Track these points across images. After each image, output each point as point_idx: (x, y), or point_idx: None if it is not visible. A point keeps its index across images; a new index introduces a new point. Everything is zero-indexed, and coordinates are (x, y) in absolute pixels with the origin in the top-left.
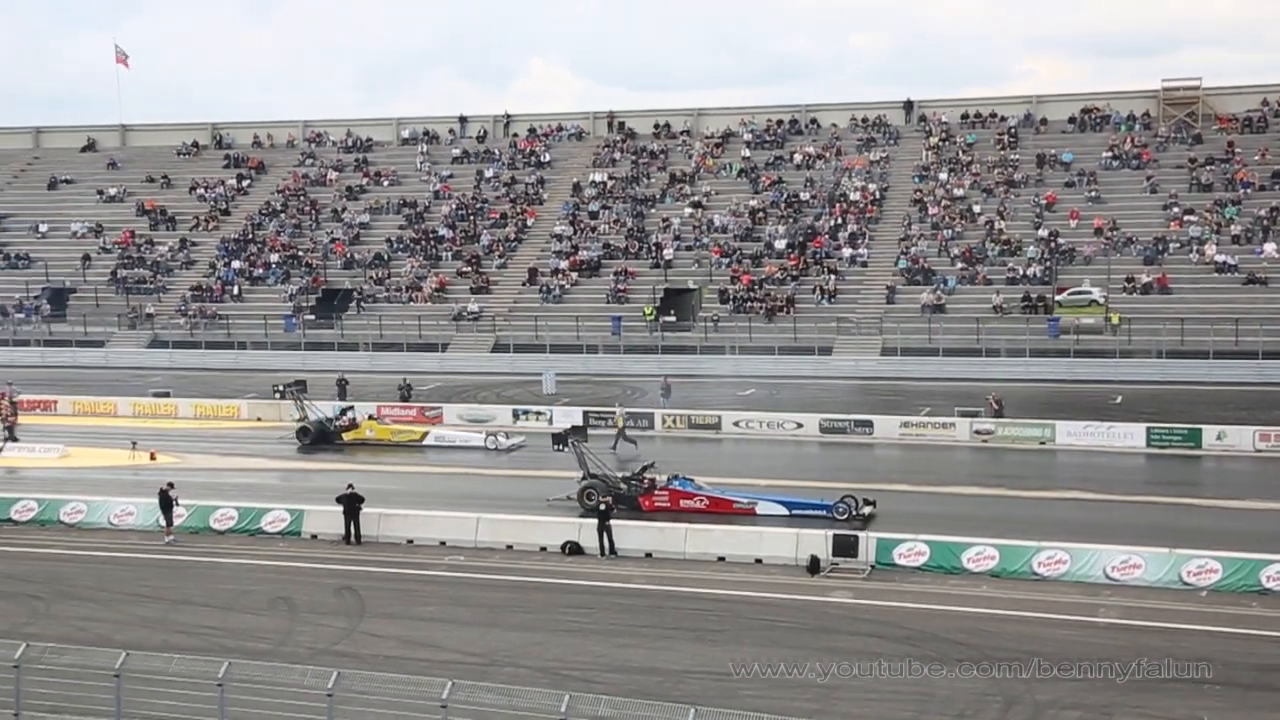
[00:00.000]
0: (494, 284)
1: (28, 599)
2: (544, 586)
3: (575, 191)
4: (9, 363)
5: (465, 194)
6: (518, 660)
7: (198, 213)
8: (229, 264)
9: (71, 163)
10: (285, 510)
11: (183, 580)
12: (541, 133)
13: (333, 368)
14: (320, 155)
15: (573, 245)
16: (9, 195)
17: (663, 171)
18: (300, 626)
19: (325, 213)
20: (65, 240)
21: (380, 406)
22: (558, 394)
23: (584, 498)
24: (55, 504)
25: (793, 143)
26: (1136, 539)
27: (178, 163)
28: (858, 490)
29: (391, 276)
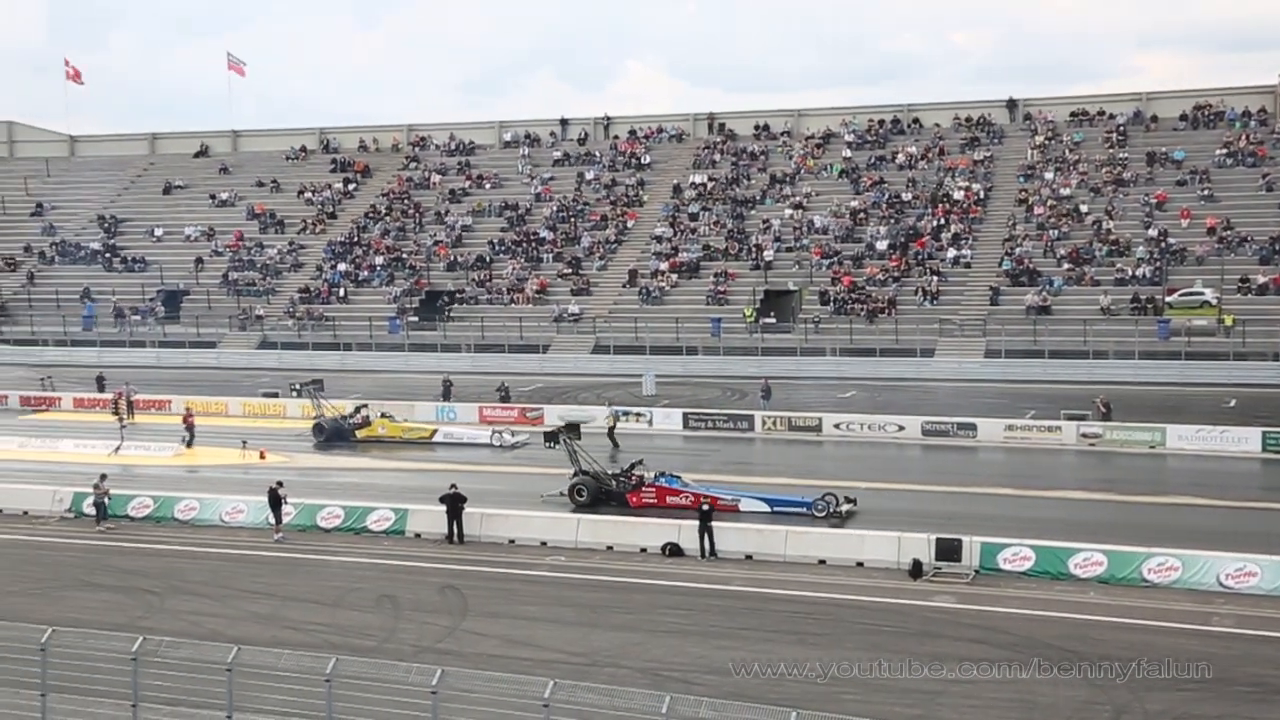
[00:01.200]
0: (594, 286)
1: (144, 593)
2: (644, 587)
3: (675, 193)
4: (126, 363)
5: (566, 196)
6: (618, 660)
7: (305, 216)
8: (335, 266)
9: (185, 168)
10: (390, 509)
11: (291, 577)
12: (641, 135)
13: (435, 369)
14: (424, 159)
15: (673, 247)
16: (126, 200)
17: (763, 173)
18: (405, 624)
19: (428, 215)
20: (179, 244)
21: (482, 407)
22: (657, 395)
23: (574, 494)
24: (170, 501)
25: (894, 143)
26: (1252, 546)
27: (286, 167)
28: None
29: (493, 278)
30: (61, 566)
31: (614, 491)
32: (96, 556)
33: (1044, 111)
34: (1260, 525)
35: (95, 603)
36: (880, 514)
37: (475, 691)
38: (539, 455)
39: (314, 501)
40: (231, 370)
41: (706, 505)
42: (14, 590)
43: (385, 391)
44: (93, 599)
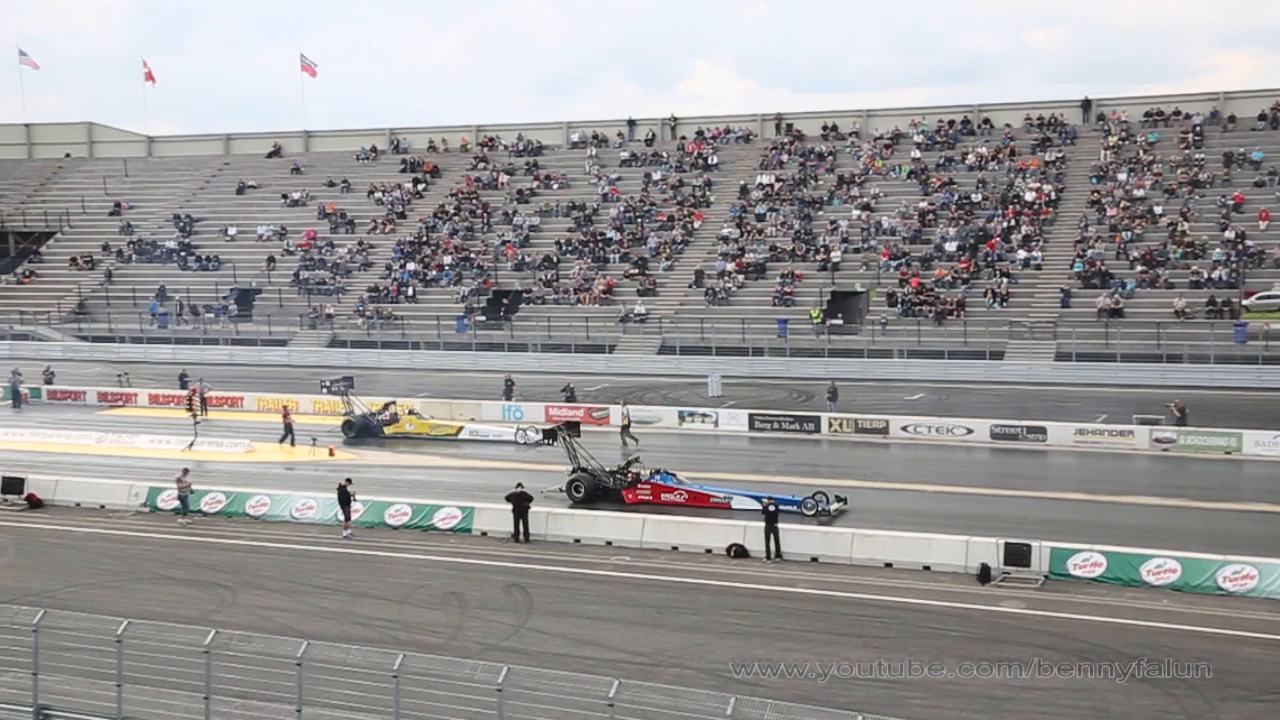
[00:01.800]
0: (660, 286)
1: (216, 587)
2: (709, 588)
3: (742, 194)
4: (199, 360)
5: (633, 197)
6: (683, 661)
7: (375, 216)
8: (404, 266)
9: (258, 168)
10: (456, 507)
11: (360, 573)
12: (709, 135)
13: (502, 368)
14: (492, 159)
15: (739, 247)
16: (200, 200)
17: (830, 173)
18: (471, 622)
19: (496, 215)
20: (252, 243)
21: (547, 407)
22: (723, 396)
23: (571, 489)
24: (241, 497)
25: (964, 143)
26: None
27: (357, 167)
28: (1041, 497)
29: (560, 278)
30: (137, 560)
31: (610, 488)
32: (171, 550)
33: (1118, 112)
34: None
35: (169, 596)
36: (947, 517)
37: (540, 690)
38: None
39: (382, 499)
40: (302, 368)
41: (773, 507)
42: (91, 583)
43: (452, 390)
44: (167, 592)
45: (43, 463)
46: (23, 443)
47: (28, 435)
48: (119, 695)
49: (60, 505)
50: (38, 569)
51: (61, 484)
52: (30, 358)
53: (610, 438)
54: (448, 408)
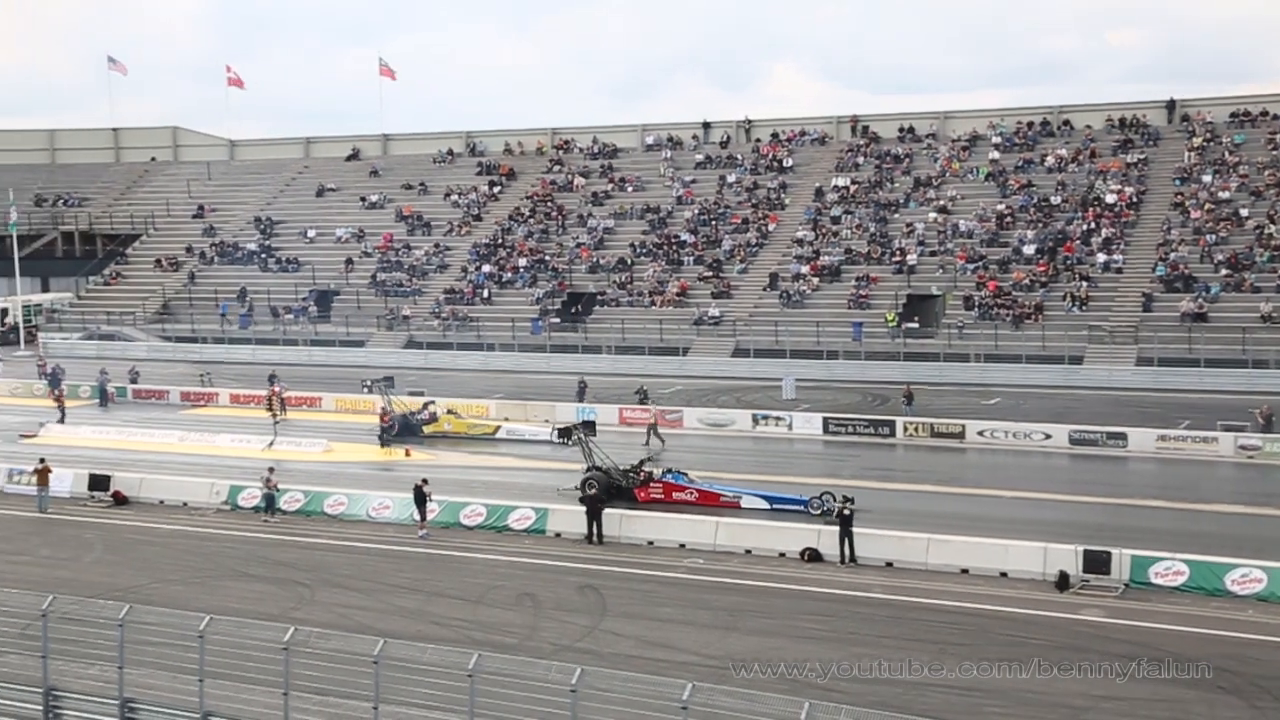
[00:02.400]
0: (735, 289)
1: (295, 585)
2: (783, 592)
3: (817, 196)
4: (278, 360)
5: (707, 199)
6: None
7: (451, 218)
8: (479, 268)
9: (337, 171)
10: (531, 508)
11: (435, 573)
12: (784, 138)
13: (575, 370)
14: (567, 162)
15: (814, 250)
16: (281, 203)
17: (907, 176)
18: (545, 622)
19: (571, 218)
20: (330, 245)
21: (621, 409)
22: (797, 399)
23: (584, 487)
24: (319, 496)
25: (1044, 145)
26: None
27: (433, 170)
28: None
29: (634, 281)
30: (218, 557)
31: (623, 487)
32: (251, 548)
33: (1202, 112)
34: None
35: (250, 593)
36: (1025, 524)
37: (613, 691)
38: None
39: (457, 499)
40: (379, 369)
41: (848, 511)
42: (174, 579)
43: (526, 392)
44: (247, 589)
45: (128, 461)
46: (109, 441)
47: (114, 434)
48: (200, 690)
49: (145, 502)
50: (123, 565)
51: (146, 482)
52: (116, 357)
53: (686, 440)
54: (522, 409)
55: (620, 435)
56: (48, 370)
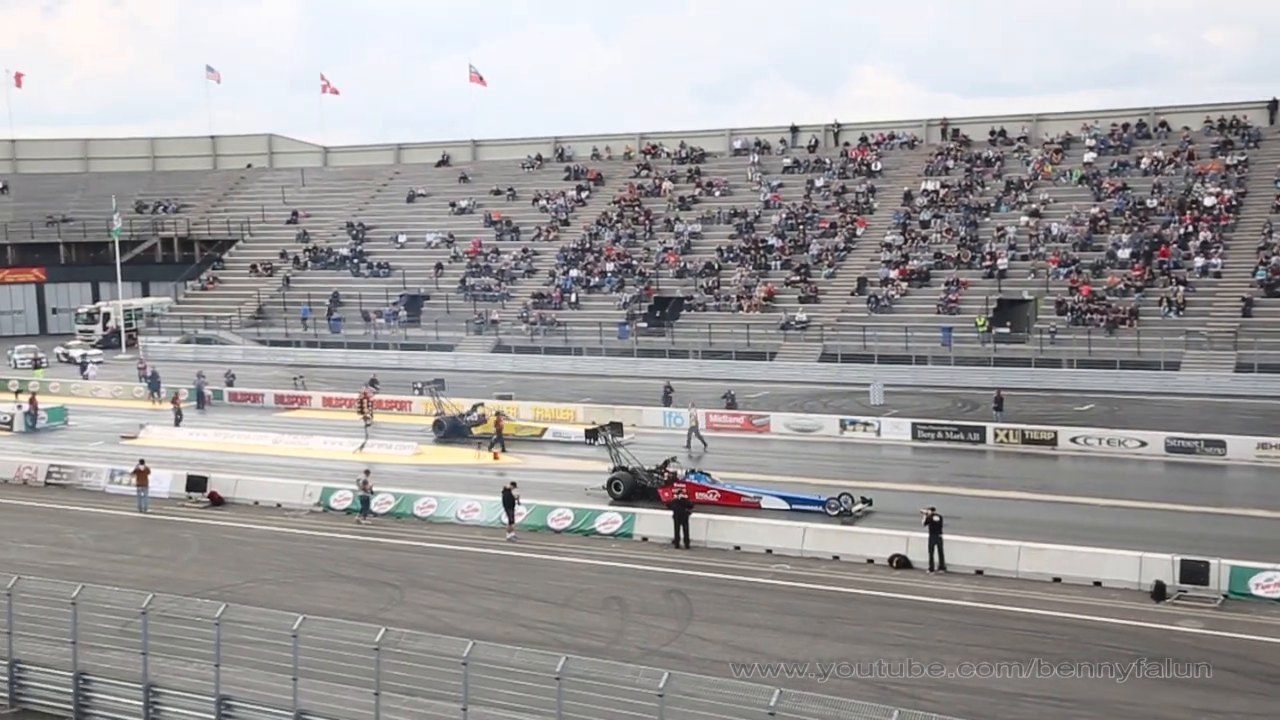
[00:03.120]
0: (822, 293)
1: (385, 586)
2: (871, 599)
3: (906, 200)
4: (369, 364)
5: (795, 203)
6: (844, 672)
7: (539, 223)
8: (567, 272)
9: (427, 177)
10: (618, 513)
11: (523, 576)
12: (873, 141)
13: (662, 374)
14: (655, 166)
15: (903, 254)
16: (373, 208)
17: (998, 179)
18: (631, 626)
19: (658, 222)
20: (421, 250)
21: (708, 414)
22: (885, 405)
23: (611, 487)
24: (410, 498)
25: (1139, 147)
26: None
27: (522, 175)
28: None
29: (721, 285)
30: (311, 558)
31: (648, 487)
32: (342, 549)
33: None
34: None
35: (341, 593)
36: (1120, 532)
37: (700, 696)
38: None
39: (545, 503)
40: (468, 372)
41: (938, 518)
42: (268, 578)
43: (612, 396)
44: (339, 590)
45: (224, 462)
46: (206, 443)
47: (210, 435)
48: (294, 689)
49: (240, 503)
50: (219, 564)
51: (241, 483)
52: (213, 361)
53: (771, 445)
54: (608, 413)
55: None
56: (147, 373)
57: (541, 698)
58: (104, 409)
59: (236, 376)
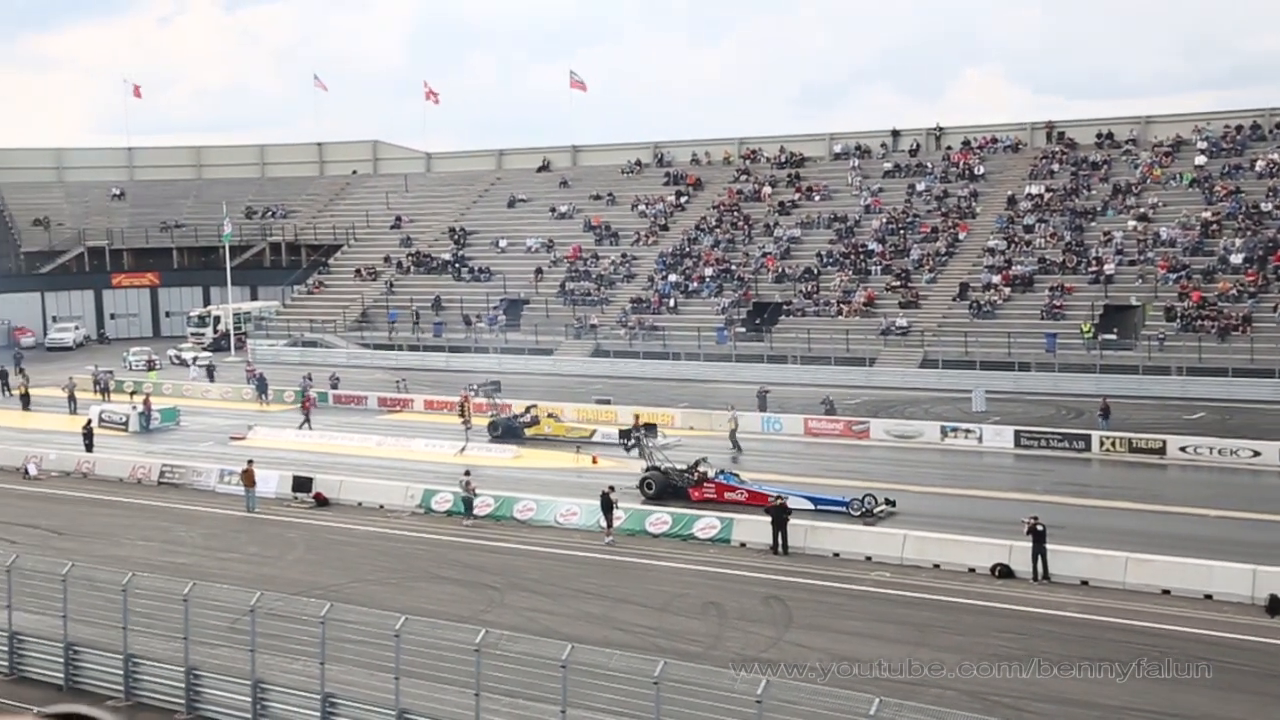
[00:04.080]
0: (923, 298)
1: (485, 588)
2: (973, 608)
3: (1010, 204)
4: (470, 368)
5: (895, 208)
6: (945, 682)
7: (639, 228)
8: (666, 277)
9: (528, 182)
10: (716, 518)
11: (621, 579)
12: (975, 145)
13: (760, 379)
14: (754, 171)
15: (1006, 259)
16: (474, 213)
17: (1105, 183)
18: (729, 632)
19: (757, 227)
20: (521, 255)
21: (806, 419)
22: (987, 411)
23: (643, 487)
24: (509, 501)
25: (1254, 149)
26: None
27: (622, 180)
28: None
29: (820, 291)
30: (412, 559)
31: (679, 486)
32: (443, 551)
33: None
34: None
35: (442, 594)
36: (1232, 544)
37: (799, 704)
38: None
39: (643, 507)
40: (567, 376)
41: (1041, 527)
42: (371, 579)
43: (711, 401)
44: (440, 591)
45: (328, 463)
46: (311, 444)
47: (315, 437)
48: (396, 688)
49: (344, 504)
50: (324, 564)
51: (345, 484)
52: (318, 364)
53: (870, 451)
54: (706, 418)
55: (805, 446)
56: (255, 375)
57: (639, 702)
58: (214, 410)
59: (341, 379)
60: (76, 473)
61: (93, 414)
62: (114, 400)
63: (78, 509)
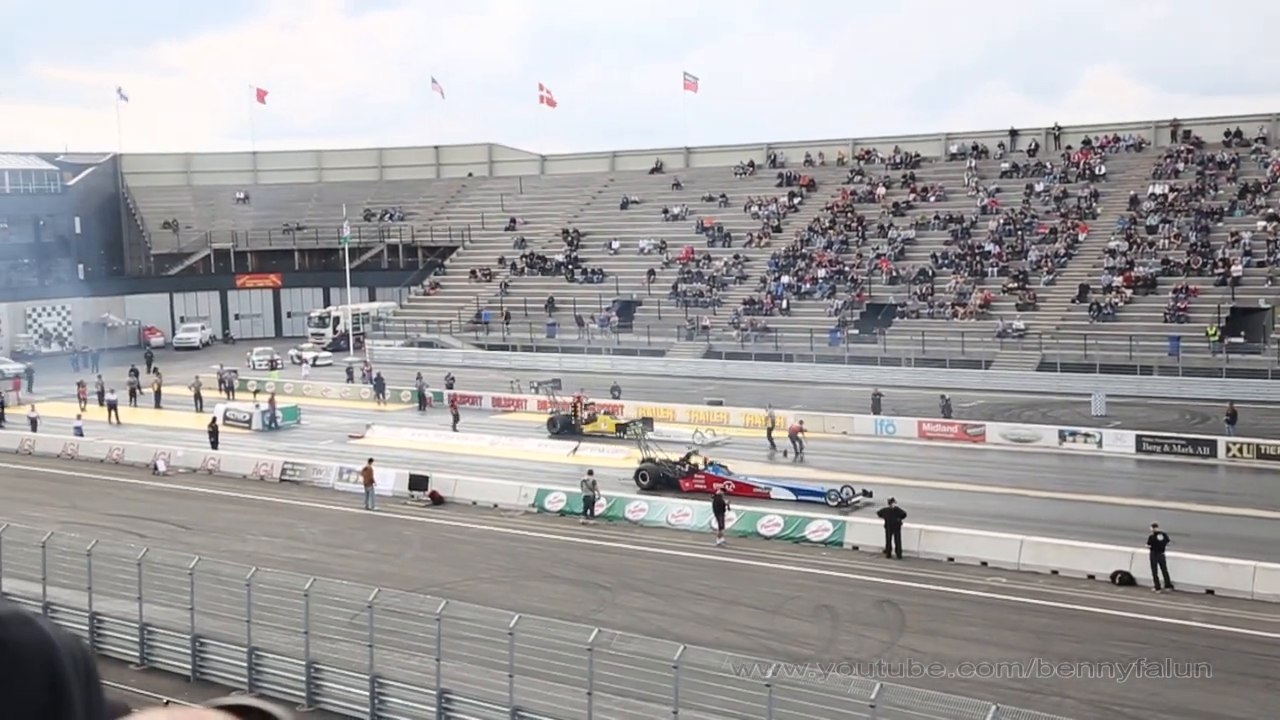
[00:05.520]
0: (1041, 300)
1: (597, 588)
2: (1093, 616)
3: (1132, 205)
4: (583, 369)
5: (1013, 209)
6: (1064, 690)
7: (751, 229)
8: (778, 279)
9: (641, 184)
10: (829, 520)
11: (732, 581)
12: (1096, 144)
13: (873, 382)
14: (868, 172)
15: (1127, 261)
16: (588, 215)
17: (1232, 182)
18: (842, 635)
19: (871, 229)
20: (633, 256)
21: (921, 422)
22: (1107, 416)
23: (638, 477)
24: (621, 501)
25: None
26: None
27: (734, 182)
28: None
29: (935, 292)
30: (526, 557)
31: (671, 477)
32: (556, 550)
33: None
34: None
35: (555, 593)
36: None
37: (913, 710)
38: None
39: (755, 509)
40: (678, 378)
41: (1161, 536)
42: (485, 577)
43: (822, 403)
44: (553, 590)
45: (444, 462)
46: (426, 443)
47: (430, 436)
48: (510, 685)
49: (459, 503)
50: (439, 562)
51: (460, 483)
52: (434, 364)
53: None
54: (820, 420)
55: (918, 449)
56: (373, 375)
57: (752, 704)
58: (333, 409)
59: (456, 379)
60: (203, 469)
61: (218, 412)
62: (238, 399)
63: (204, 505)
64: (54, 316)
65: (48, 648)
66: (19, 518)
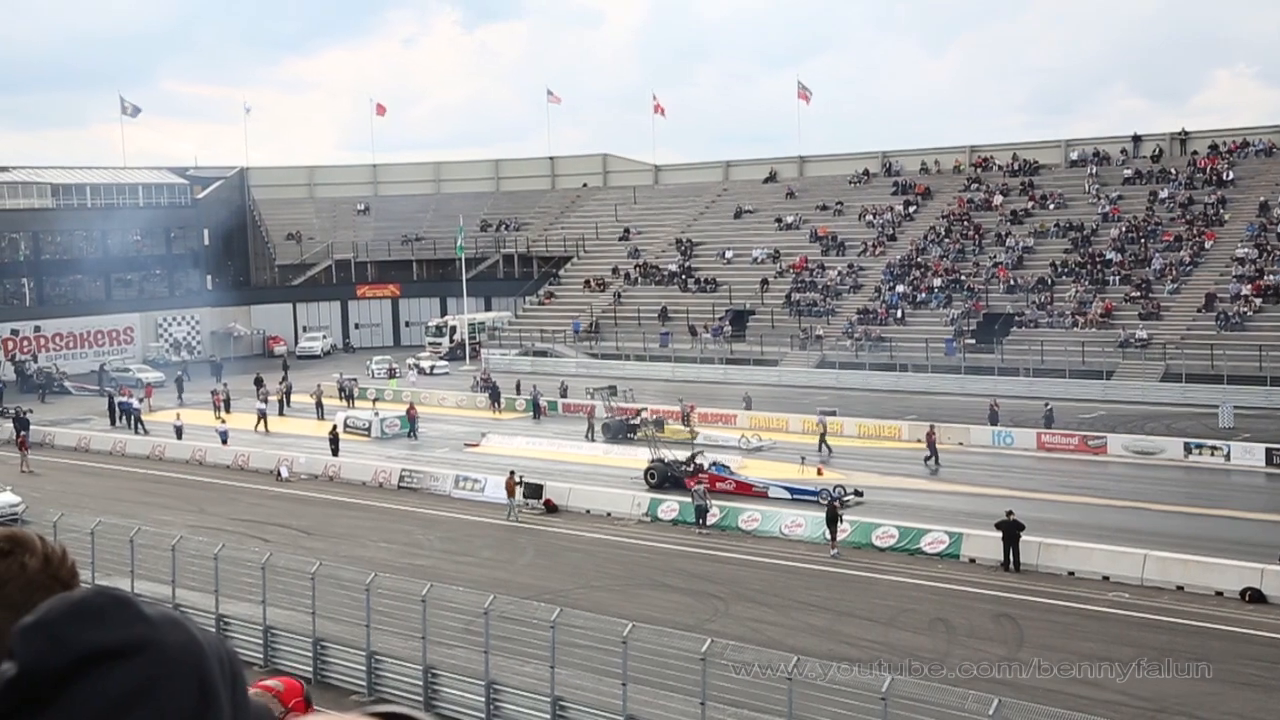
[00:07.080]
0: (1165, 310)
1: (710, 598)
2: (1219, 634)
3: (1262, 211)
4: (695, 378)
5: (1136, 216)
6: (1190, 709)
7: (866, 239)
8: (893, 288)
9: (754, 193)
10: (944, 532)
11: (846, 592)
12: (1224, 149)
13: (990, 392)
14: (985, 179)
15: (1257, 269)
16: (701, 224)
17: None
18: (957, 649)
19: (989, 237)
20: (746, 265)
21: (1040, 433)
22: (1235, 428)
23: (647, 476)
24: (735, 511)
25: None
26: None
27: (849, 190)
28: None
29: (1054, 301)
30: (638, 566)
31: (677, 476)
32: (668, 559)
33: None
34: None
35: (668, 602)
36: None
37: None
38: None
39: (870, 520)
40: (791, 388)
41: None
42: (598, 585)
43: (938, 414)
44: (665, 599)
45: (558, 471)
46: (541, 451)
47: (544, 445)
48: (624, 694)
49: (572, 511)
50: (553, 569)
51: (574, 491)
52: (549, 373)
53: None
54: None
55: (1036, 460)
56: (488, 384)
57: (866, 717)
58: (450, 417)
59: (569, 388)
60: (324, 476)
61: (338, 420)
62: (357, 407)
63: (325, 511)
64: (183, 326)
65: (197, 651)
66: (151, 521)
